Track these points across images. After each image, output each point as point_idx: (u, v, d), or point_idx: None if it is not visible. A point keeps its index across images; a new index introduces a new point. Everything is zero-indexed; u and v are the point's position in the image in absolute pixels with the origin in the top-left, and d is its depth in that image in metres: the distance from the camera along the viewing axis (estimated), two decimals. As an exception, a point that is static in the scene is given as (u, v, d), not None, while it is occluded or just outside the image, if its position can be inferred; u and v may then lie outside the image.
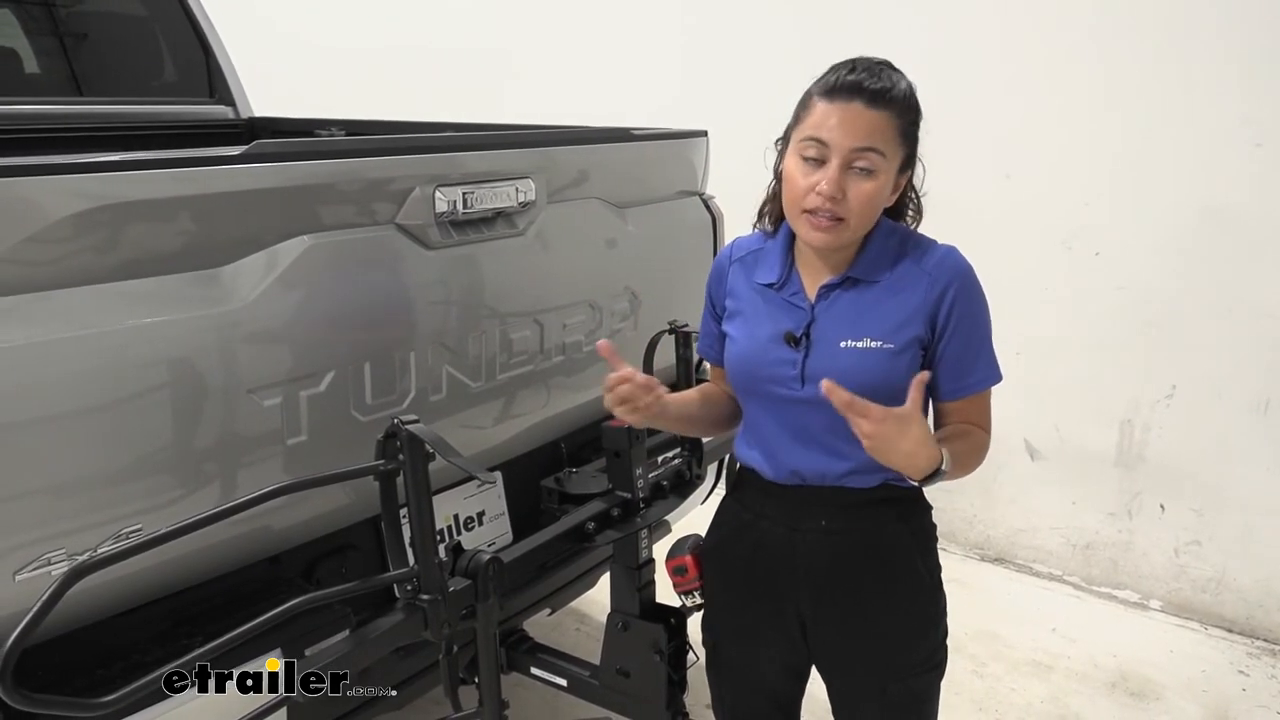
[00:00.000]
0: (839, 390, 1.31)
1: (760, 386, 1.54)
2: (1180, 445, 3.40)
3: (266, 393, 1.53)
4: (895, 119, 1.40)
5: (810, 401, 1.46)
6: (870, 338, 1.45)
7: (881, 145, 1.39)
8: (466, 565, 1.57)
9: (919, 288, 1.46)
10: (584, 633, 3.09)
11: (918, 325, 1.45)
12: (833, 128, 1.39)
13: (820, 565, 1.55)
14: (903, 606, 1.57)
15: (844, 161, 1.39)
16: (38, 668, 1.30)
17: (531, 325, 2.01)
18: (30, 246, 1.27)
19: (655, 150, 2.45)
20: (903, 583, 1.56)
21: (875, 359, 1.45)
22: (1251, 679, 3.10)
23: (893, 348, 1.45)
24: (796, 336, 1.49)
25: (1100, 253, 3.43)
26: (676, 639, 1.89)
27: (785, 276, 1.54)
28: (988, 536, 3.85)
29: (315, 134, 3.10)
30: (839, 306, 1.49)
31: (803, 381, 1.48)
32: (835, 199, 1.39)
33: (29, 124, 2.86)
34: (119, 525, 1.37)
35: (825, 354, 1.48)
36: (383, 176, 1.70)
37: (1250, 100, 3.09)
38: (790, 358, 1.49)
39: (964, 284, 1.46)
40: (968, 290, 1.47)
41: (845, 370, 1.43)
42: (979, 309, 1.49)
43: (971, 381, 1.49)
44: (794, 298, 1.52)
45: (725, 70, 4.07)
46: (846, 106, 1.38)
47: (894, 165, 1.42)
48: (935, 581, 1.60)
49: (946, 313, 1.45)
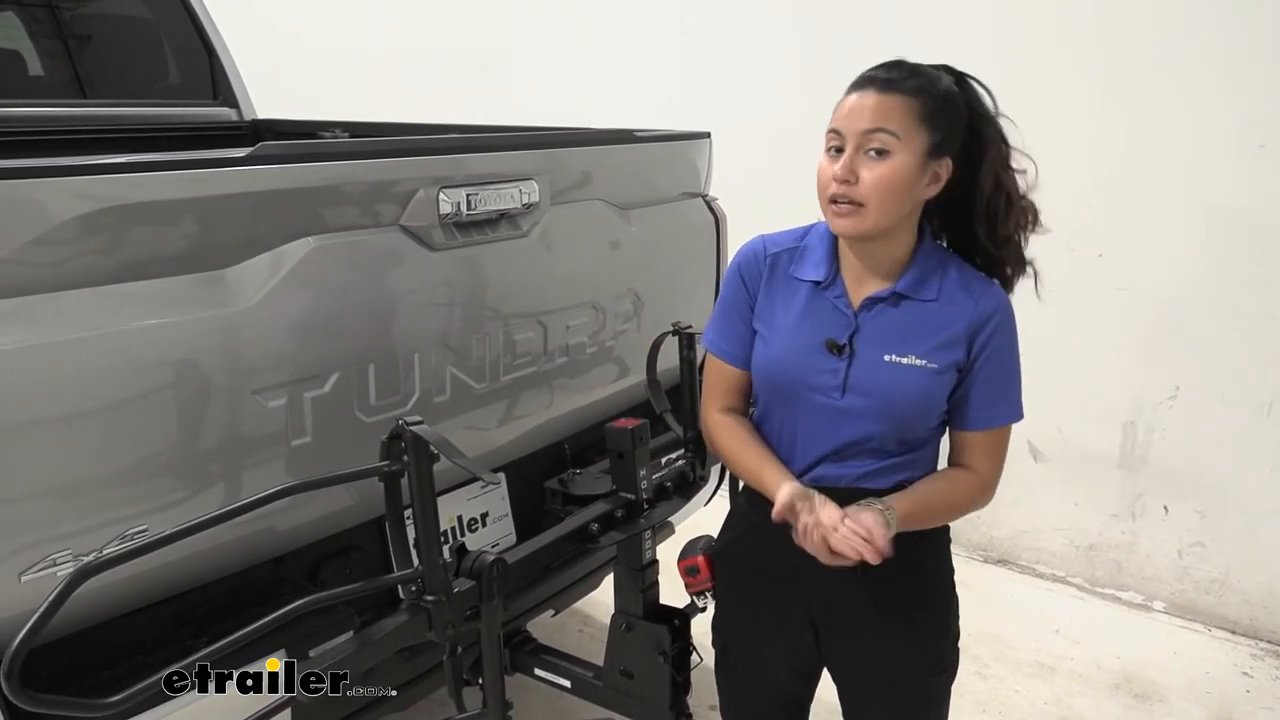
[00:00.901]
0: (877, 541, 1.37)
1: (797, 392, 1.52)
2: (1184, 447, 3.39)
3: (271, 394, 1.53)
4: (912, 101, 1.39)
5: (848, 411, 1.48)
6: (915, 355, 1.46)
7: (893, 125, 1.38)
8: (471, 566, 1.57)
9: (965, 313, 1.47)
10: (587, 634, 3.09)
11: (959, 349, 1.47)
12: (845, 115, 1.42)
13: (833, 567, 1.52)
14: (915, 608, 1.57)
15: (857, 145, 1.40)
16: (43, 668, 1.30)
17: (535, 326, 2.01)
18: (35, 248, 1.28)
19: (658, 152, 2.46)
20: (915, 584, 1.56)
21: (916, 376, 1.46)
22: (1255, 680, 3.10)
23: (935, 368, 1.46)
24: (840, 345, 1.48)
25: (1103, 254, 3.42)
26: (680, 640, 1.89)
27: (831, 277, 1.52)
28: (991, 538, 3.84)
29: (319, 136, 3.10)
30: (884, 319, 1.48)
31: (844, 391, 1.48)
32: (848, 181, 1.40)
33: (33, 126, 2.86)
34: (124, 526, 1.37)
35: (868, 366, 1.47)
36: (387, 178, 1.71)
37: (1253, 101, 3.09)
38: (833, 366, 1.48)
39: (1005, 318, 1.49)
40: (1007, 325, 1.49)
41: (885, 385, 1.46)
42: (1013, 345, 1.51)
43: (992, 415, 1.50)
44: (838, 301, 1.51)
45: (728, 72, 4.07)
46: (860, 94, 1.42)
47: (914, 147, 1.39)
48: (948, 584, 1.61)
49: (984, 342, 1.47)
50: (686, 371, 2.14)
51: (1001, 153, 1.50)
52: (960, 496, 1.54)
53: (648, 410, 2.09)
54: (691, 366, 2.15)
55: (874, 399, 1.47)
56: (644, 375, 2.08)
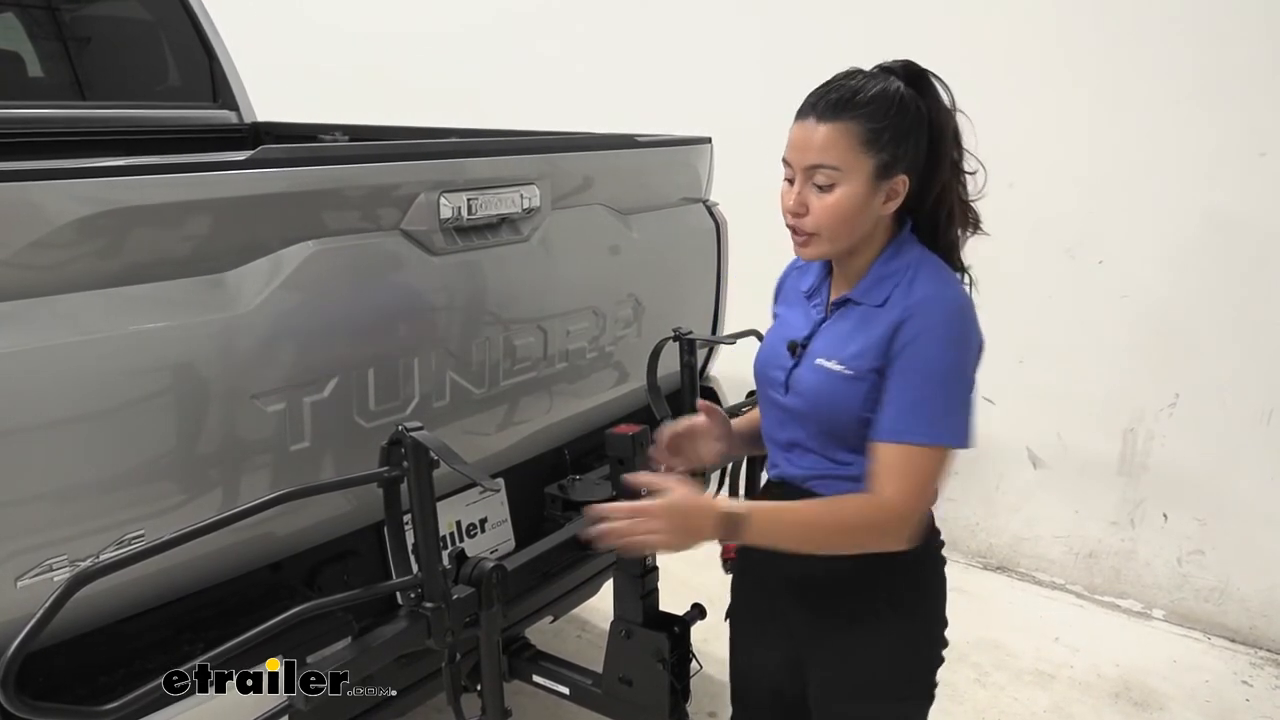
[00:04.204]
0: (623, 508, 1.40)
1: (761, 387, 1.58)
2: (1183, 454, 3.39)
3: (270, 398, 1.52)
4: (854, 127, 1.35)
5: (789, 410, 1.51)
6: (837, 360, 1.44)
7: (832, 159, 1.36)
8: (470, 573, 1.56)
9: (891, 318, 1.39)
10: (586, 640, 3.08)
11: (874, 356, 1.40)
12: (790, 147, 1.42)
13: (794, 569, 1.52)
14: (862, 625, 1.51)
15: (804, 178, 1.40)
16: (38, 674, 1.29)
17: (535, 331, 2.01)
18: (35, 251, 1.27)
19: (659, 156, 2.45)
20: (862, 602, 1.51)
21: (833, 381, 1.43)
22: (1255, 689, 3.09)
23: (850, 374, 1.41)
24: (796, 345, 1.51)
25: (1103, 261, 3.42)
26: (680, 647, 1.89)
27: (817, 286, 1.55)
28: (990, 545, 3.84)
29: (319, 139, 3.10)
30: (838, 325, 1.49)
31: (786, 389, 1.50)
32: (797, 214, 1.41)
33: (32, 128, 2.86)
34: (122, 531, 1.36)
35: (805, 368, 1.49)
36: (388, 182, 1.70)
37: (1254, 109, 3.09)
38: (785, 365, 1.52)
39: (929, 324, 1.37)
40: (931, 331, 1.37)
41: (808, 387, 1.47)
42: (940, 355, 1.37)
43: (900, 428, 1.36)
44: (815, 308, 1.54)
45: (729, 77, 4.07)
46: (802, 125, 1.40)
47: (860, 174, 1.36)
48: (906, 607, 1.52)
49: (901, 346, 1.37)
50: (687, 377, 2.14)
51: (945, 171, 1.45)
52: (846, 514, 1.39)
53: (648, 416, 2.09)
54: (692, 372, 2.15)
55: (803, 400, 1.48)
56: (644, 381, 2.08)
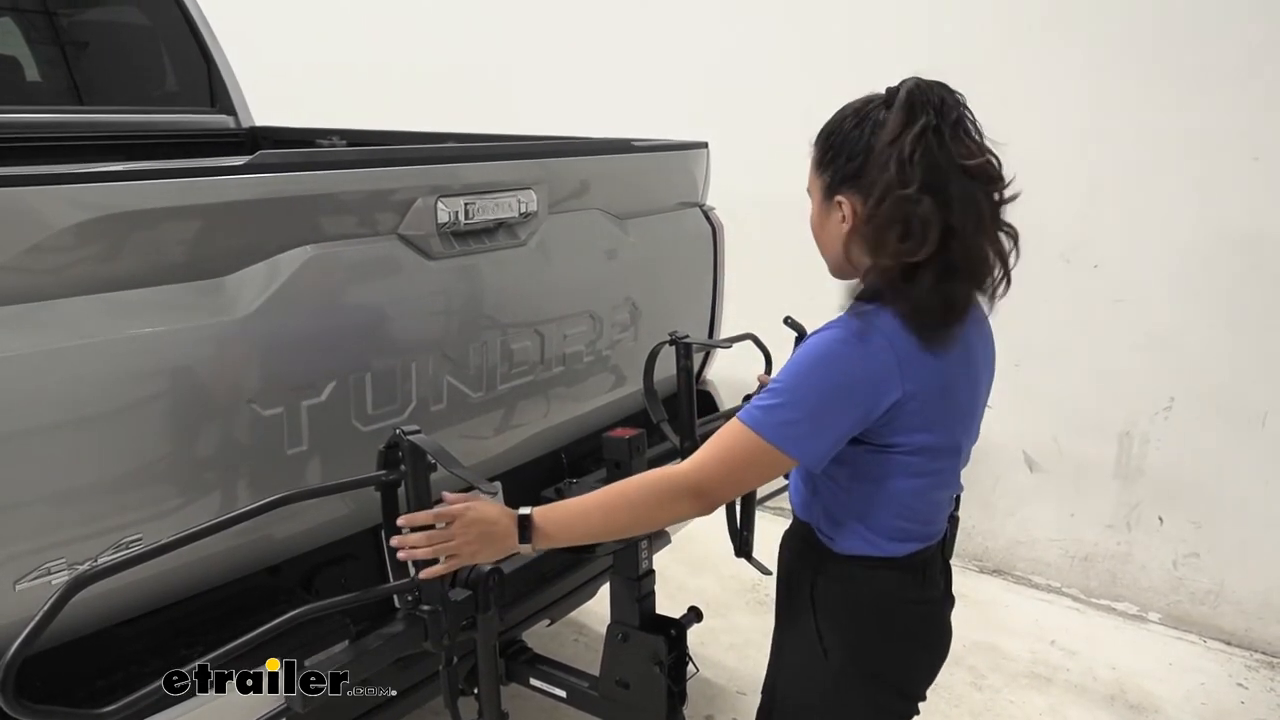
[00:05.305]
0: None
1: None
2: (1179, 458, 3.40)
3: (267, 402, 1.53)
4: (814, 150, 1.46)
5: None
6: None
7: (808, 179, 1.48)
8: (467, 576, 1.56)
9: None
10: (583, 643, 3.08)
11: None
12: None
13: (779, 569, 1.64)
14: (788, 643, 1.60)
15: None
16: (36, 677, 1.29)
17: (532, 335, 2.01)
18: (32, 256, 1.27)
19: (656, 161, 2.46)
20: (795, 623, 1.56)
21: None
22: (1250, 691, 3.10)
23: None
24: None
25: (1099, 265, 3.43)
26: (676, 650, 1.89)
27: None
28: (986, 548, 3.85)
29: (317, 144, 3.10)
30: None
31: None
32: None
33: (30, 133, 2.86)
34: (120, 535, 1.36)
35: None
36: (385, 187, 1.71)
37: (1247, 114, 3.10)
38: None
39: (808, 344, 1.39)
40: (807, 349, 1.38)
41: None
42: (800, 368, 1.36)
43: (742, 412, 1.39)
44: None
45: (727, 82, 4.08)
46: None
47: (816, 193, 1.47)
48: (832, 622, 1.50)
49: None
50: (683, 381, 2.14)
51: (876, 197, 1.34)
52: (630, 487, 1.43)
53: (645, 420, 2.09)
54: (688, 376, 2.15)
55: None
56: (641, 385, 2.08)
